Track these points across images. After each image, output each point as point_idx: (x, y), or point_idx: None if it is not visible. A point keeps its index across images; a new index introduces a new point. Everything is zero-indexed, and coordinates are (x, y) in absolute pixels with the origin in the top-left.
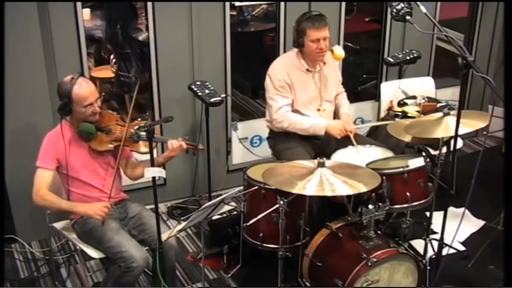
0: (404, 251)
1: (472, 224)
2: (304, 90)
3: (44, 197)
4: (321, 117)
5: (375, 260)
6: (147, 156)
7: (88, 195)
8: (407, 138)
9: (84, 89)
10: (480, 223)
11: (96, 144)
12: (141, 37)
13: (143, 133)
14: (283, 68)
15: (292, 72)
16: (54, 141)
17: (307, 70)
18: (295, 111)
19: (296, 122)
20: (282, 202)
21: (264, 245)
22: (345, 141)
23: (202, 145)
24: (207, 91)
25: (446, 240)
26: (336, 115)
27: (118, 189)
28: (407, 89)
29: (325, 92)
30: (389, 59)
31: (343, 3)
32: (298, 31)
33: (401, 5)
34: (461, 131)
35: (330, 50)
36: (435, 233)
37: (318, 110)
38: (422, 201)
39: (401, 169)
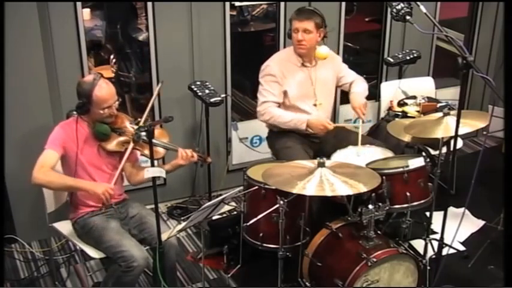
0: (404, 251)
1: (472, 224)
2: (298, 84)
3: (46, 172)
4: (318, 112)
5: (374, 260)
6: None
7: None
8: (407, 138)
9: (104, 91)
10: (480, 223)
11: (108, 144)
12: (141, 37)
13: (143, 133)
14: (278, 63)
15: (286, 67)
16: (66, 131)
17: (302, 65)
18: (292, 105)
19: (277, 116)
20: (282, 202)
21: (264, 245)
22: (344, 141)
23: (210, 158)
24: (207, 91)
25: (446, 240)
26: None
27: (120, 190)
28: (407, 89)
29: (321, 87)
30: (389, 59)
31: (343, 3)
32: (290, 21)
33: (401, 5)
34: (461, 131)
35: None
36: (435, 233)
37: (315, 105)
38: (422, 201)
39: (401, 169)
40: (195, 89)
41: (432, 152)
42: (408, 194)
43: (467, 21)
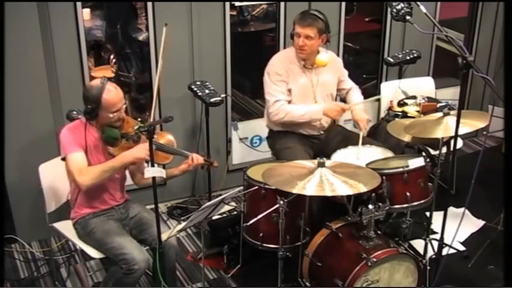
0: (404, 251)
1: (472, 224)
2: (299, 86)
3: (89, 172)
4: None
5: (374, 260)
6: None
7: (98, 196)
8: (407, 138)
9: (112, 95)
10: (480, 223)
11: (116, 150)
12: (141, 37)
13: (143, 133)
14: (281, 63)
15: (289, 67)
16: (75, 134)
17: (304, 66)
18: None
19: (292, 111)
20: (282, 202)
21: (264, 245)
22: (344, 142)
23: (217, 162)
24: (207, 91)
25: (446, 240)
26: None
27: (123, 193)
28: (407, 89)
29: (321, 90)
30: (389, 59)
31: (343, 3)
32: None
33: (401, 5)
34: (461, 131)
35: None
36: (435, 233)
37: None
38: (422, 201)
39: (401, 169)
40: (195, 89)
41: (432, 152)
42: (408, 194)
43: (467, 21)
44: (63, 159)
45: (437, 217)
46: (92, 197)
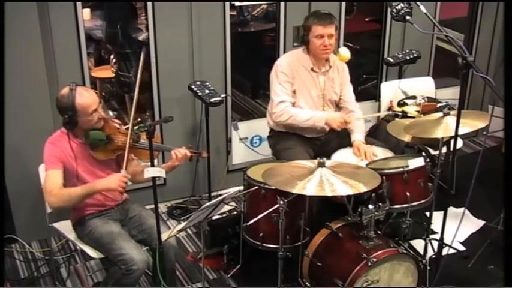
0: (404, 251)
1: (472, 224)
2: (306, 89)
3: (58, 195)
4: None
5: (374, 260)
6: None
7: (96, 197)
8: (407, 138)
9: (85, 98)
10: (480, 223)
11: (99, 153)
12: (141, 37)
13: (143, 133)
14: (289, 64)
15: (297, 70)
16: (58, 146)
17: (312, 70)
18: (298, 107)
19: (296, 114)
20: (282, 202)
21: (264, 245)
22: (345, 142)
23: (206, 152)
24: (207, 91)
25: (446, 240)
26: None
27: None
28: (407, 89)
29: (328, 94)
30: (389, 59)
31: (343, 3)
32: (304, 28)
33: (401, 5)
34: (461, 131)
35: (336, 52)
36: (435, 233)
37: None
38: (422, 201)
39: (401, 169)
40: (195, 89)
41: (432, 152)
42: (408, 194)
43: (467, 21)
44: None
45: (437, 217)
46: (89, 200)
